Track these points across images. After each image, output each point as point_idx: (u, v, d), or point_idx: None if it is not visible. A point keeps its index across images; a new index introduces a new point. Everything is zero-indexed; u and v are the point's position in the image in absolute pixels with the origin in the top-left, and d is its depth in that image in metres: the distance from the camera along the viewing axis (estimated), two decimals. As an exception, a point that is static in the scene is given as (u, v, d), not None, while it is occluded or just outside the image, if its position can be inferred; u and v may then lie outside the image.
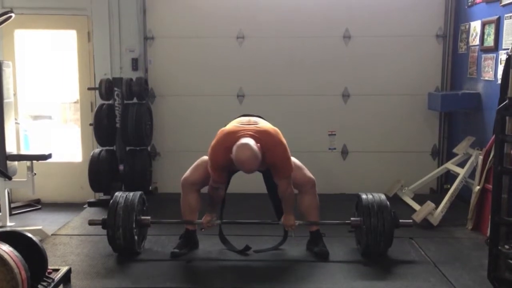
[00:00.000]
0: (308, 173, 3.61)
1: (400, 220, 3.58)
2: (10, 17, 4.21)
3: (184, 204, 3.65)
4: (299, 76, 5.32)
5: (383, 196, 3.62)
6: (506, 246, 2.93)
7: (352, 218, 3.66)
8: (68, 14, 5.32)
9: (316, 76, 5.31)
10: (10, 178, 4.26)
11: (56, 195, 5.47)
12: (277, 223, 3.62)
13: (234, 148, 3.14)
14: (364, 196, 3.60)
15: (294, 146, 3.61)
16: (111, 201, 3.59)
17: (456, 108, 5.00)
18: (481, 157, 4.16)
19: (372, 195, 3.61)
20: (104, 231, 3.55)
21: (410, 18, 5.26)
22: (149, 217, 3.69)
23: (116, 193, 3.66)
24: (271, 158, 3.27)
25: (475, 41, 4.74)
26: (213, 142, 3.37)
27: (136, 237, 3.54)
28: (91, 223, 3.71)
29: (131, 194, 3.63)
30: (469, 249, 3.76)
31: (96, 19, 5.26)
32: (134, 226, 3.50)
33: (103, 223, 3.55)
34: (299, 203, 3.61)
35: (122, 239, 3.48)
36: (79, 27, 5.37)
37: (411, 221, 3.86)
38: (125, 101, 5.00)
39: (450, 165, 4.82)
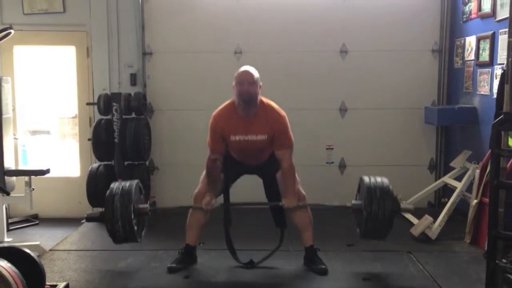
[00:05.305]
0: (301, 188, 3.63)
1: (401, 206, 3.48)
2: (10, 33, 4.24)
3: (193, 216, 3.63)
4: (297, 91, 5.36)
5: (386, 180, 3.50)
6: (504, 260, 2.94)
7: (353, 202, 3.58)
8: (67, 30, 5.36)
9: (314, 91, 5.34)
10: (8, 194, 4.25)
11: (54, 210, 5.45)
12: (279, 204, 3.52)
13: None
14: (366, 180, 3.49)
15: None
16: (107, 193, 3.45)
17: (453, 122, 5.03)
18: (478, 171, 4.18)
19: (375, 178, 3.49)
20: (101, 247, 3.55)
21: (406, 33, 5.31)
22: (147, 205, 3.60)
23: (112, 185, 3.54)
24: (274, 125, 3.46)
25: (470, 56, 4.79)
26: None
27: (135, 227, 3.44)
28: (89, 217, 3.64)
29: (127, 183, 3.51)
30: (467, 263, 3.76)
31: (95, 35, 5.30)
32: (132, 217, 3.39)
33: (101, 217, 3.46)
34: (292, 218, 3.62)
35: (122, 231, 3.37)
36: (78, 43, 5.41)
37: (411, 206, 3.71)
38: (124, 116, 5.02)
39: (447, 179, 4.84)
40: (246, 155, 3.61)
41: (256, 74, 3.48)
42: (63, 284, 3.09)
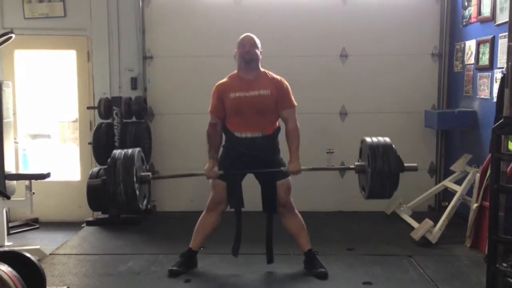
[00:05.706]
0: (291, 197, 3.62)
1: (405, 164, 3.42)
2: (11, 37, 4.26)
3: (201, 222, 3.65)
4: (297, 95, 5.25)
5: (388, 139, 3.47)
6: (504, 264, 2.94)
7: (356, 163, 3.55)
8: (68, 34, 5.38)
9: (314, 95, 5.34)
10: (8, 198, 4.25)
11: (54, 214, 5.46)
12: (282, 169, 3.49)
13: None
14: (368, 140, 3.46)
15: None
16: (109, 160, 3.36)
17: (453, 126, 5.03)
18: (478, 175, 4.18)
19: (376, 137, 3.47)
20: (102, 251, 3.54)
21: (406, 37, 5.33)
22: (149, 173, 3.53)
23: (114, 151, 3.46)
24: (277, 84, 3.62)
25: (470, 60, 4.80)
26: None
27: (137, 192, 3.32)
28: (90, 185, 3.56)
29: (130, 150, 3.43)
30: (468, 267, 3.76)
31: (96, 39, 5.32)
32: (135, 180, 3.29)
33: (103, 183, 3.38)
34: (285, 225, 3.64)
35: (124, 196, 3.25)
36: (79, 47, 5.43)
37: (415, 164, 3.57)
38: (124, 120, 5.03)
39: (447, 183, 4.84)
40: (246, 119, 3.53)
41: (257, 40, 3.63)
42: (64, 288, 3.10)
